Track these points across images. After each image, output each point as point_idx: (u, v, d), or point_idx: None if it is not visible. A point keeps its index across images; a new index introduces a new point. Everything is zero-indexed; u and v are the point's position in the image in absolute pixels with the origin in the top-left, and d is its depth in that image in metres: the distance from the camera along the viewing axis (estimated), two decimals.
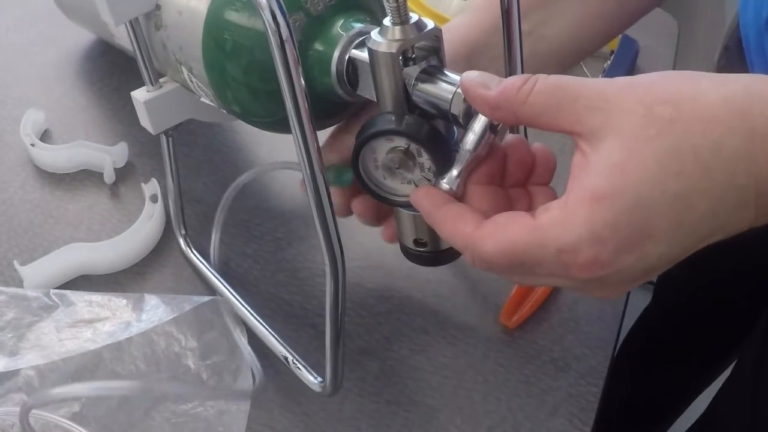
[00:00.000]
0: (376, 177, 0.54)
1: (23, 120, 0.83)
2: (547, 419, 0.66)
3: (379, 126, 0.51)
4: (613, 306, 0.73)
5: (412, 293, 0.73)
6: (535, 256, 0.43)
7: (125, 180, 0.81)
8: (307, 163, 0.49)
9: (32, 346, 0.63)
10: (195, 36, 0.58)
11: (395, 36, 0.49)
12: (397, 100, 0.51)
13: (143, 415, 0.63)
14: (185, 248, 0.73)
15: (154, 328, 0.65)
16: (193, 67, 0.60)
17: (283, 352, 0.64)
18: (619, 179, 0.40)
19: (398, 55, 0.49)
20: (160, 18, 0.62)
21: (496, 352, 0.69)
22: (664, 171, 0.39)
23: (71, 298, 0.66)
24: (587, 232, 0.40)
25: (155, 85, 0.66)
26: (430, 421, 0.65)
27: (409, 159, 0.51)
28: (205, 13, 0.57)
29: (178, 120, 0.69)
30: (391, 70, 0.50)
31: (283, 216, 0.78)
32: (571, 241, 0.41)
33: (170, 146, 0.70)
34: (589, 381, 0.68)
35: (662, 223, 0.40)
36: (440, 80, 0.50)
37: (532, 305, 0.71)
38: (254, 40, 0.55)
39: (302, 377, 0.63)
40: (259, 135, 0.78)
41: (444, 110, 0.49)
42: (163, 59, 0.65)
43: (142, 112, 0.67)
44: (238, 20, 0.56)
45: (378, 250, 0.75)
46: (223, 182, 0.80)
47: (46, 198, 0.79)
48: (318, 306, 0.72)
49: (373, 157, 0.53)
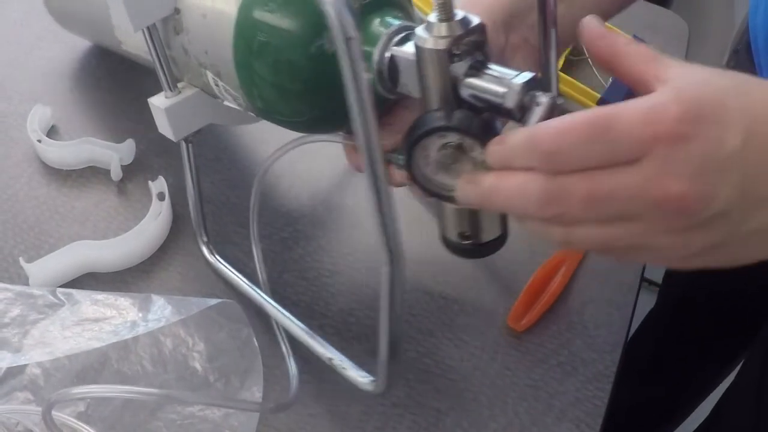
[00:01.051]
0: (427, 173, 0.53)
1: (30, 116, 0.83)
2: (554, 423, 0.66)
3: (431, 123, 0.51)
4: (621, 310, 0.73)
5: (420, 295, 0.73)
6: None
7: (132, 177, 0.80)
8: (369, 159, 0.48)
9: (37, 343, 0.62)
10: (224, 39, 0.58)
11: (441, 33, 0.49)
12: (445, 96, 0.51)
13: (149, 416, 0.62)
14: (209, 256, 0.73)
15: (161, 328, 0.64)
16: (221, 70, 0.60)
17: (327, 354, 0.64)
18: (705, 78, 0.44)
19: (446, 52, 0.49)
20: (180, 22, 0.61)
21: (503, 356, 0.69)
22: (738, 84, 0.44)
23: (77, 296, 0.65)
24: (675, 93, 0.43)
25: (174, 90, 0.65)
26: (436, 424, 0.65)
27: (461, 154, 0.51)
28: (235, 14, 0.57)
29: (199, 125, 0.68)
30: (438, 67, 0.50)
31: (289, 215, 0.78)
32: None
33: (190, 153, 0.69)
34: (596, 385, 0.68)
35: (737, 119, 0.42)
36: (489, 75, 0.50)
37: (540, 309, 0.71)
38: (290, 40, 0.55)
39: (350, 377, 0.62)
40: (267, 133, 0.78)
41: (497, 105, 0.49)
42: (182, 64, 0.64)
43: (162, 119, 0.66)
44: (272, 21, 0.55)
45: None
46: (230, 182, 0.80)
47: (53, 195, 0.79)
48: (324, 307, 0.71)
49: (425, 154, 0.52)
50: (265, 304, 0.68)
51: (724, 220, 0.43)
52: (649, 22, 1.00)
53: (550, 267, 0.74)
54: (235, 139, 0.85)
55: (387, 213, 0.50)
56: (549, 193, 0.44)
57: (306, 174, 0.81)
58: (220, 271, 0.72)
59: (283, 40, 0.55)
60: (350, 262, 0.75)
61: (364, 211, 0.78)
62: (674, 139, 0.41)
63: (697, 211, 0.42)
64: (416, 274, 0.74)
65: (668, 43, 0.97)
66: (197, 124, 0.68)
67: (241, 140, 0.85)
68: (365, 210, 0.78)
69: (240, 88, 0.59)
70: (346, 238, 0.76)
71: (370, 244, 0.76)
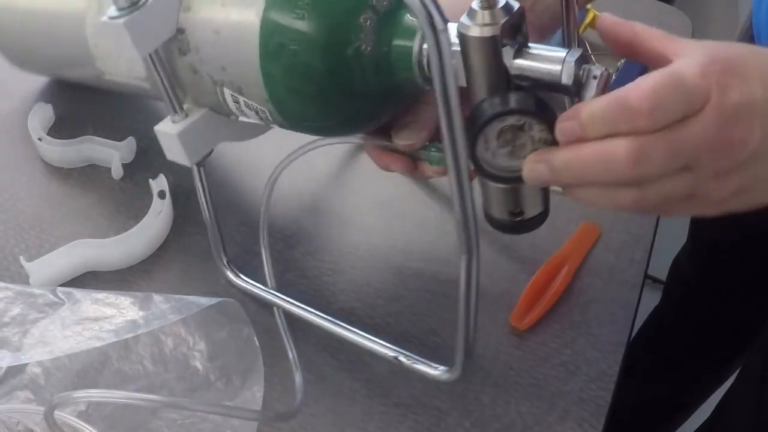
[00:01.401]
0: (486, 157, 0.53)
1: (30, 114, 0.83)
2: (557, 423, 0.65)
3: (492, 110, 0.51)
4: (625, 309, 0.72)
5: (422, 294, 0.72)
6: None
7: (133, 176, 0.80)
8: (452, 154, 0.49)
9: (37, 342, 0.62)
10: (247, 52, 0.56)
11: (486, 20, 0.49)
12: (496, 82, 0.51)
13: (150, 415, 0.62)
14: (233, 278, 0.71)
15: (162, 328, 0.64)
16: (243, 85, 0.58)
17: (392, 353, 0.64)
18: (717, 46, 0.48)
19: (494, 38, 0.50)
20: (186, 42, 0.60)
21: (506, 355, 0.69)
22: (749, 47, 0.49)
23: (77, 295, 0.65)
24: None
25: (181, 113, 0.63)
26: (438, 424, 0.65)
27: (520, 135, 0.52)
28: (257, 25, 0.55)
29: (212, 146, 0.66)
30: (487, 54, 0.50)
31: (291, 214, 0.78)
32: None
33: (203, 176, 0.67)
34: (599, 385, 0.67)
35: (757, 73, 0.47)
36: (538, 55, 0.51)
37: (542, 308, 0.71)
38: (325, 46, 0.54)
39: (422, 371, 0.63)
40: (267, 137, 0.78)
41: (553, 83, 0.51)
42: (188, 84, 0.62)
43: (173, 145, 0.64)
44: (304, 27, 0.54)
45: (388, 250, 0.75)
46: (233, 180, 0.80)
47: (54, 193, 0.78)
48: (325, 304, 0.71)
49: (483, 139, 0.52)
50: (304, 314, 0.68)
51: (754, 162, 0.48)
52: (652, 18, 0.99)
53: (552, 265, 0.74)
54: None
55: (467, 205, 0.51)
56: (637, 152, 0.47)
57: (308, 172, 0.81)
58: (247, 290, 0.71)
59: (317, 47, 0.54)
60: (352, 261, 0.74)
61: (365, 209, 0.78)
62: (724, 89, 0.46)
63: (741, 153, 0.47)
64: (419, 272, 0.74)
65: None
66: (210, 145, 0.66)
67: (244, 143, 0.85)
68: (367, 208, 0.78)
69: (268, 102, 0.58)
70: (348, 236, 0.76)
71: (372, 242, 0.75)
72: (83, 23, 0.68)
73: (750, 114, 0.47)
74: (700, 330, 1.18)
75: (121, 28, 0.57)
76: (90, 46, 0.68)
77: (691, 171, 0.48)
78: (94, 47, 0.68)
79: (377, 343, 0.65)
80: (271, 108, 0.58)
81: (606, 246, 0.76)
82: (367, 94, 0.56)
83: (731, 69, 0.47)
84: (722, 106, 0.46)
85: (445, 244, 0.75)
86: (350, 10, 0.54)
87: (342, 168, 0.81)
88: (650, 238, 0.77)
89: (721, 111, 0.46)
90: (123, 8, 0.57)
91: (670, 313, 1.26)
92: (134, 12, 0.57)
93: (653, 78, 0.46)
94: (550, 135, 0.51)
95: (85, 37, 0.68)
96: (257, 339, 0.66)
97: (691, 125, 0.46)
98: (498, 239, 0.75)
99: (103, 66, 0.70)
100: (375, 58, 0.55)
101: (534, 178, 0.52)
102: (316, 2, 0.54)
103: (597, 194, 0.51)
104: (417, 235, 0.76)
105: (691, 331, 1.19)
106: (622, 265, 0.75)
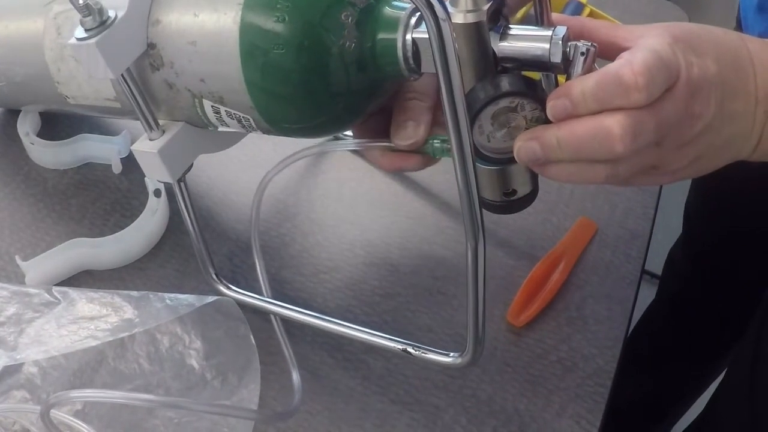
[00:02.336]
0: (481, 141, 0.54)
1: (19, 119, 0.81)
2: (554, 420, 0.65)
3: (486, 94, 0.52)
4: (622, 305, 0.72)
5: (418, 290, 0.72)
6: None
7: (128, 174, 0.80)
8: (457, 142, 0.50)
9: (32, 341, 0.62)
10: (227, 61, 0.55)
11: (469, 6, 0.50)
12: (484, 66, 0.52)
13: (147, 414, 0.62)
14: (224, 290, 0.69)
15: (158, 326, 0.64)
16: (225, 95, 0.57)
17: (400, 345, 0.64)
18: (672, 26, 0.52)
19: (480, 24, 0.50)
20: (159, 57, 0.58)
21: (502, 351, 0.69)
22: (698, 25, 0.53)
23: (72, 294, 0.65)
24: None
25: (158, 130, 0.61)
26: (435, 421, 0.65)
27: (515, 116, 0.53)
28: (237, 33, 0.54)
29: (192, 159, 0.65)
30: (472, 40, 0.51)
31: (287, 211, 0.77)
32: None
33: (185, 192, 0.65)
34: (597, 381, 0.67)
35: (711, 48, 0.52)
36: (524, 36, 0.52)
37: (539, 304, 0.71)
38: (310, 47, 0.54)
39: (433, 360, 0.63)
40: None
41: (542, 62, 0.52)
42: (161, 99, 0.61)
43: (153, 164, 0.61)
44: (285, 31, 0.53)
45: (384, 247, 0.75)
46: (228, 178, 0.80)
47: (49, 193, 0.78)
48: (323, 303, 0.71)
49: (478, 124, 0.53)
50: (299, 317, 0.67)
51: (708, 132, 0.52)
52: (649, 13, 0.99)
53: (549, 262, 0.74)
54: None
55: (473, 192, 0.52)
56: (633, 127, 0.49)
57: (303, 170, 0.81)
58: (240, 300, 0.69)
59: (302, 49, 0.54)
60: (348, 258, 0.74)
61: (361, 206, 0.78)
62: (689, 65, 0.50)
63: (700, 125, 0.51)
64: (415, 269, 0.73)
65: None
66: (190, 159, 0.64)
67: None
68: (362, 206, 0.78)
69: (253, 109, 0.57)
70: (344, 233, 0.76)
71: (369, 239, 0.75)
72: (42, 48, 0.66)
73: (708, 88, 0.51)
74: (694, 323, 1.18)
75: (92, 49, 0.55)
76: (51, 70, 0.66)
77: (660, 144, 0.51)
78: (56, 72, 0.66)
79: (384, 337, 0.64)
80: (256, 115, 0.58)
81: (603, 242, 0.76)
82: (353, 90, 0.56)
83: (691, 46, 0.50)
84: (690, 82, 0.50)
85: (441, 240, 0.75)
86: (330, 7, 0.53)
87: (337, 165, 0.81)
88: (647, 233, 0.77)
89: (689, 86, 0.50)
90: (92, 28, 0.55)
91: (665, 307, 1.26)
92: (104, 31, 0.55)
93: (642, 55, 0.48)
94: (543, 113, 0.52)
95: (45, 62, 0.66)
96: (253, 337, 0.66)
97: (668, 100, 0.49)
98: (494, 235, 0.75)
99: (67, 90, 0.67)
100: (359, 54, 0.54)
101: (526, 156, 0.53)
102: (295, 3, 0.53)
103: (572, 170, 0.53)
104: (413, 232, 0.76)
105: (686, 324, 1.19)
106: (618, 261, 0.75)
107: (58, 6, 0.65)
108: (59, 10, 0.65)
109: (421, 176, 0.80)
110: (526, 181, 0.59)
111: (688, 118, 0.50)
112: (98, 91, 0.65)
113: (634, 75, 0.48)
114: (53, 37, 0.65)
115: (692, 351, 1.21)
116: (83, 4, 0.55)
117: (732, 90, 0.52)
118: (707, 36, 0.52)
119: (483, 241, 0.54)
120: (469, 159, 0.50)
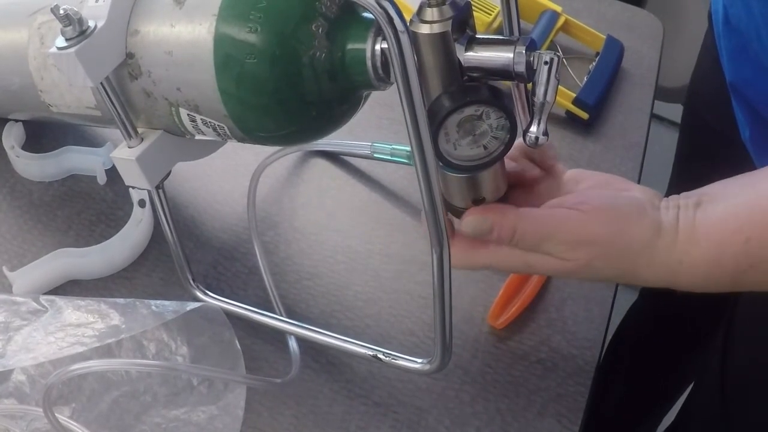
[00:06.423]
0: (447, 149, 0.55)
1: (4, 132, 0.82)
2: (536, 419, 0.66)
3: (451, 103, 0.53)
4: (601, 306, 0.74)
5: (400, 295, 0.73)
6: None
7: (113, 185, 0.81)
8: (418, 149, 0.51)
9: (20, 349, 0.63)
10: (202, 71, 0.56)
11: (435, 17, 0.51)
12: (450, 75, 0.53)
13: (134, 420, 0.63)
14: (200, 295, 0.70)
15: (144, 333, 0.65)
16: (200, 103, 0.58)
17: (370, 352, 0.65)
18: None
19: (446, 35, 0.51)
20: (137, 66, 0.60)
21: (484, 353, 0.70)
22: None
23: (60, 303, 0.66)
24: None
25: (136, 138, 0.63)
26: (419, 423, 0.66)
27: (480, 124, 0.54)
28: (211, 43, 0.56)
29: (170, 167, 0.66)
30: (438, 50, 0.52)
31: (269, 220, 0.78)
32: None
33: (163, 199, 0.66)
34: (577, 381, 0.69)
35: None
36: (489, 46, 0.53)
37: (519, 306, 0.72)
38: (282, 56, 0.55)
39: (402, 365, 0.64)
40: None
41: (506, 71, 0.52)
42: (139, 108, 0.62)
43: (132, 171, 0.63)
44: (258, 41, 0.54)
45: (366, 253, 0.76)
46: (211, 186, 0.81)
47: (35, 204, 0.79)
48: (306, 309, 0.72)
49: (444, 132, 0.54)
50: (277, 324, 0.69)
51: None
52: (624, 21, 1.01)
53: None
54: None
55: (437, 200, 0.53)
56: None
57: (285, 179, 0.82)
58: (221, 307, 0.70)
59: (274, 58, 0.55)
60: (330, 264, 0.75)
61: (343, 214, 0.79)
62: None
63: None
64: (396, 275, 0.75)
65: (643, 42, 0.98)
66: (168, 166, 0.66)
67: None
68: (344, 213, 0.79)
69: (227, 117, 0.58)
70: (326, 240, 0.77)
71: (351, 246, 0.76)
72: (26, 58, 0.67)
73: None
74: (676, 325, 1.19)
75: (72, 58, 0.57)
76: (35, 79, 0.68)
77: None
78: (39, 80, 0.67)
79: (354, 344, 0.66)
80: (230, 123, 0.59)
81: None
82: (324, 99, 0.57)
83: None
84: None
85: (421, 246, 0.76)
86: (302, 18, 0.54)
87: (319, 173, 0.82)
88: None
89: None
90: (72, 38, 0.57)
91: (647, 308, 1.27)
92: (84, 41, 0.57)
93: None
94: (507, 121, 0.53)
95: (29, 71, 0.67)
96: (238, 342, 0.67)
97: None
98: None
99: (50, 99, 0.69)
100: (330, 64, 0.55)
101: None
102: (268, 14, 0.54)
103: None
104: (394, 239, 0.77)
105: (668, 326, 1.20)
106: None
107: (41, 16, 0.66)
108: (43, 20, 0.66)
109: (402, 184, 0.81)
110: (495, 188, 0.60)
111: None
112: (79, 99, 0.66)
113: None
114: (37, 47, 0.66)
115: (673, 351, 1.22)
116: (63, 14, 0.56)
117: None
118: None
119: (448, 248, 0.56)
120: (432, 167, 0.52)
